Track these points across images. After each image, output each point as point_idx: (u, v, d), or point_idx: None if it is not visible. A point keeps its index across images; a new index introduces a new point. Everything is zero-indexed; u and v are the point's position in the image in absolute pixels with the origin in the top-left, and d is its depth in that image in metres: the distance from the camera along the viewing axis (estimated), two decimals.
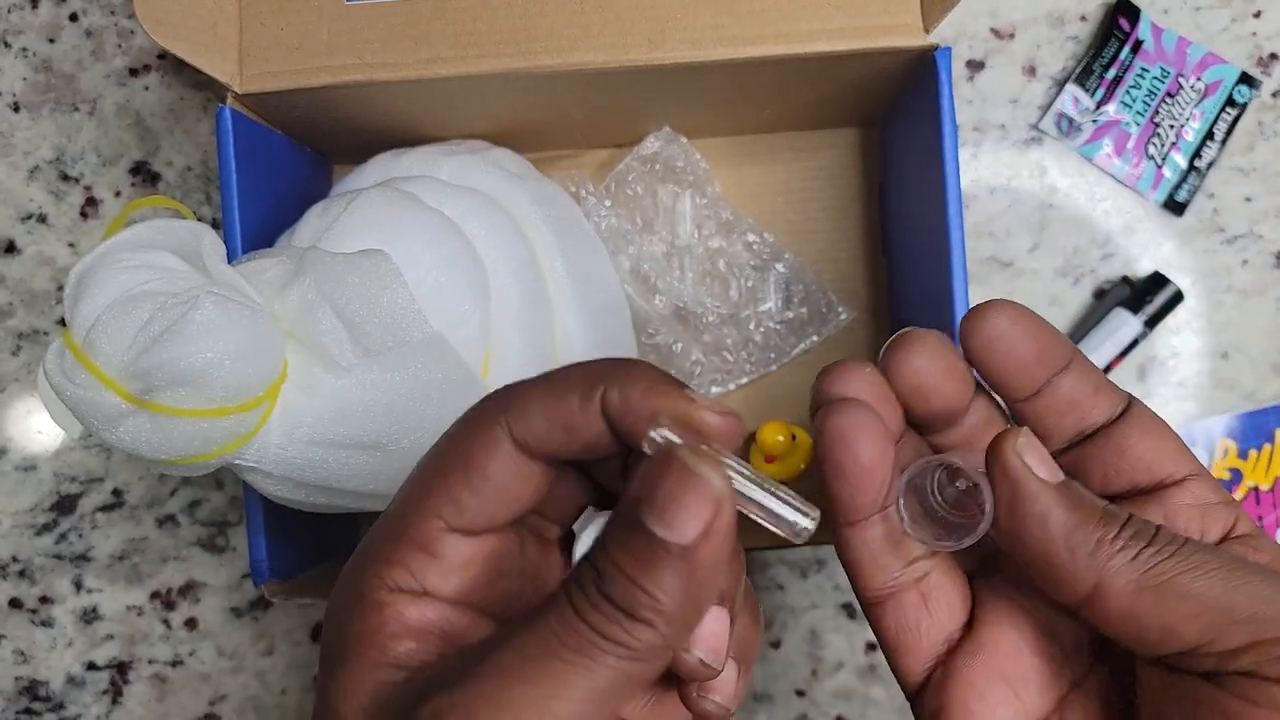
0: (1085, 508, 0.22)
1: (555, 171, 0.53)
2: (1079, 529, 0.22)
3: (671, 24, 0.42)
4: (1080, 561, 0.22)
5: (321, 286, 0.36)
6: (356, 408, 0.37)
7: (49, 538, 0.57)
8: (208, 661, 0.57)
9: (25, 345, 0.57)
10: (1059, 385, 0.25)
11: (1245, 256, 0.55)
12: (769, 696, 0.56)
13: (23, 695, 0.57)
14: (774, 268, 0.54)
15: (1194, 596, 0.21)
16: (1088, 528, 0.22)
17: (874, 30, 0.42)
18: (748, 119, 0.53)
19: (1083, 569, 0.22)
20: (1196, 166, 0.55)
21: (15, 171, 0.57)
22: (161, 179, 0.57)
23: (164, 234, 0.36)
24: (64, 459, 0.57)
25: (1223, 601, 0.21)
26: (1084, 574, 0.22)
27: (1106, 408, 0.25)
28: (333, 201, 0.43)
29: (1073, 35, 0.56)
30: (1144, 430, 0.25)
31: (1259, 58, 0.55)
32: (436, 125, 0.49)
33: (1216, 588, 0.21)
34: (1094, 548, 0.22)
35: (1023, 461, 0.23)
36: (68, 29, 0.57)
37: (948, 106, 0.42)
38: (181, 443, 0.34)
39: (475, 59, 0.43)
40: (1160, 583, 0.21)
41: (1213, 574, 0.21)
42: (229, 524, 0.57)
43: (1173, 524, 0.24)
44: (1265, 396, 0.55)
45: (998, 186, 0.56)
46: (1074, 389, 0.25)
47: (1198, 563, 0.21)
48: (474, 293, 0.41)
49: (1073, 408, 0.25)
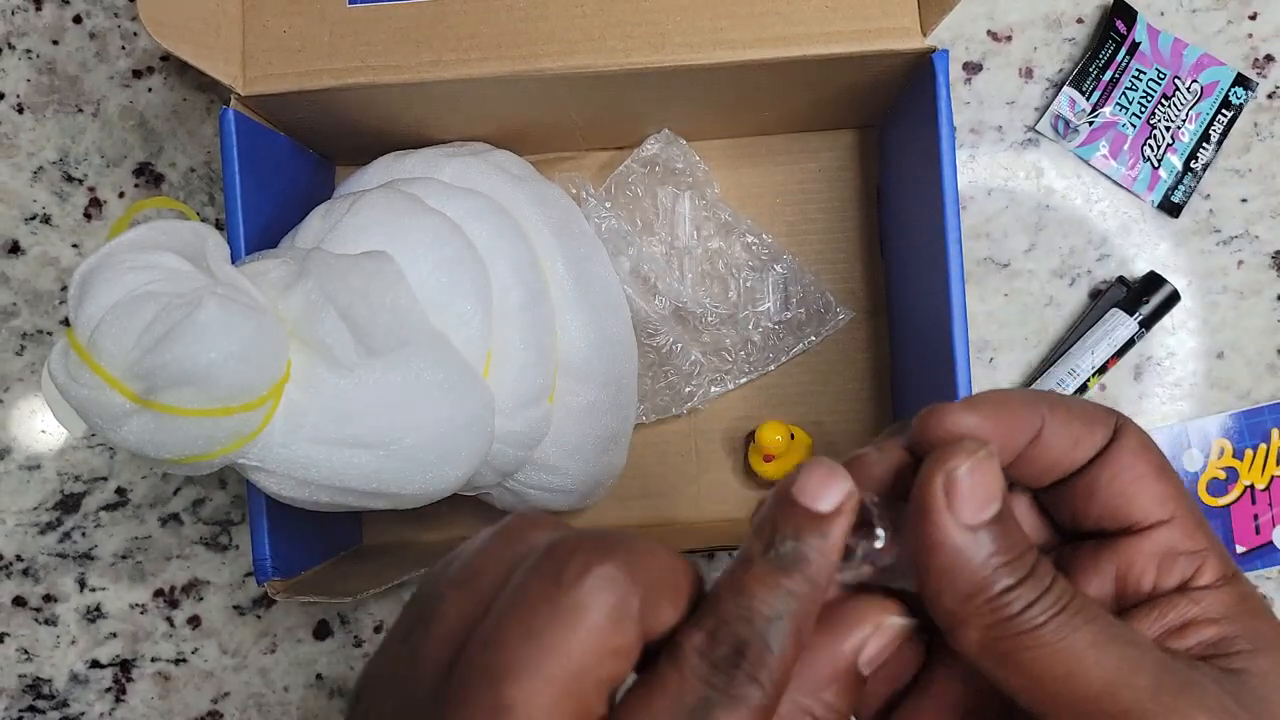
0: (981, 562, 0.22)
1: (556, 173, 0.53)
2: (970, 578, 0.22)
3: (671, 27, 0.43)
4: (952, 609, 0.22)
5: (324, 287, 0.36)
6: (359, 407, 0.37)
7: (53, 536, 0.57)
8: (211, 659, 0.57)
9: (29, 345, 0.58)
10: (1035, 449, 0.24)
11: (1241, 257, 0.56)
12: None
13: (27, 693, 0.58)
14: (773, 268, 0.54)
15: (1031, 671, 0.21)
16: (976, 579, 0.22)
17: (872, 33, 0.43)
18: (747, 121, 0.53)
19: (955, 617, 0.22)
20: (1192, 168, 0.55)
21: (19, 173, 0.58)
22: (165, 180, 0.58)
23: (168, 235, 0.36)
24: (68, 458, 0.58)
25: (1058, 678, 0.21)
26: (955, 622, 0.22)
27: (1087, 449, 0.25)
28: (336, 203, 0.44)
29: (1069, 37, 0.56)
30: (1116, 473, 0.24)
31: (1255, 59, 0.56)
32: (438, 127, 0.50)
33: (1058, 665, 0.21)
34: (965, 600, 0.22)
35: (946, 502, 0.22)
36: (71, 31, 0.57)
37: (945, 108, 0.43)
38: (185, 442, 0.34)
39: (477, 62, 0.43)
40: (1004, 651, 0.22)
41: (1064, 647, 0.21)
42: (232, 522, 0.57)
43: (1124, 573, 0.24)
44: (1261, 396, 0.56)
45: (995, 188, 0.56)
46: (1051, 446, 0.24)
47: (1063, 632, 0.21)
48: (475, 293, 0.42)
49: (1052, 467, 0.25)
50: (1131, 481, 0.24)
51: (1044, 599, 0.21)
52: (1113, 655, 0.21)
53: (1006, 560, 0.22)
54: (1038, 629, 0.21)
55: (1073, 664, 0.21)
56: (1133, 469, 0.24)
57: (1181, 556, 0.24)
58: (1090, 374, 0.53)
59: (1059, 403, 0.25)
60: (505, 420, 0.43)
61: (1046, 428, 0.24)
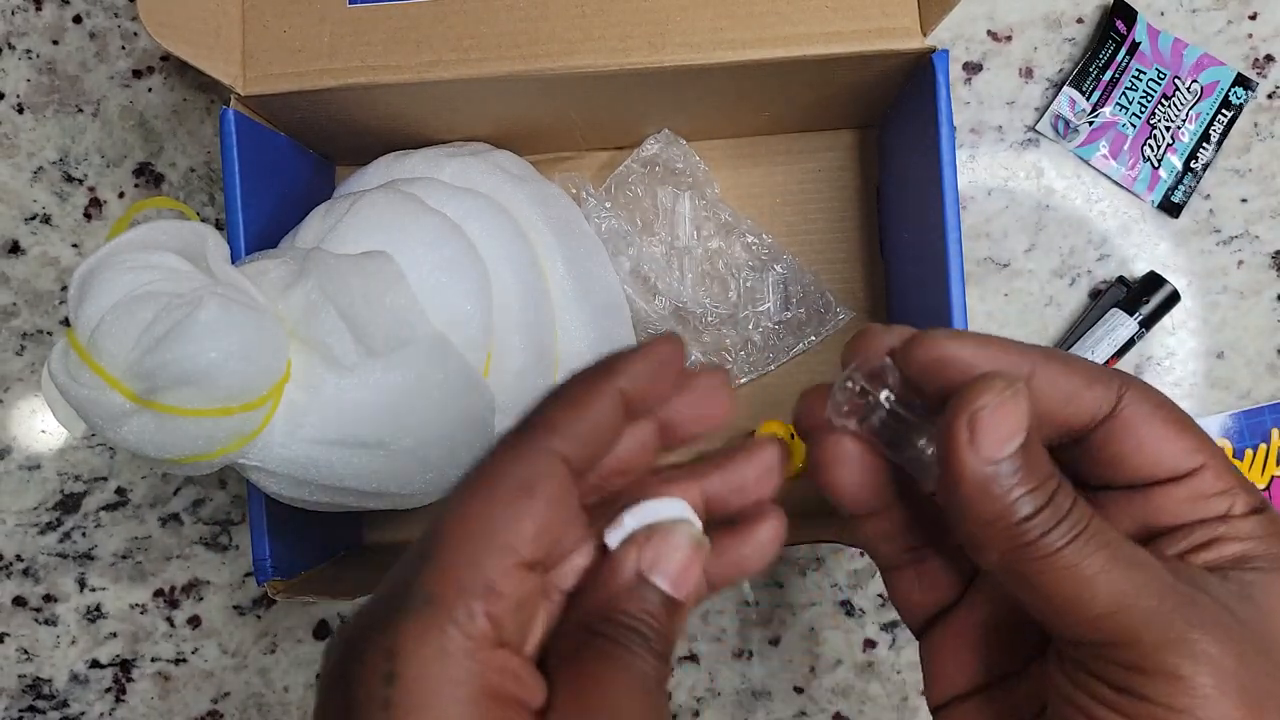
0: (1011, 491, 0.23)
1: (556, 173, 0.53)
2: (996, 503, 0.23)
3: (671, 27, 0.43)
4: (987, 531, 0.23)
5: (325, 287, 0.36)
6: (359, 407, 0.37)
7: (53, 536, 0.57)
8: (211, 659, 0.57)
9: (29, 345, 0.58)
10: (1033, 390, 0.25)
11: (1241, 257, 0.56)
12: (767, 693, 0.56)
13: (27, 693, 0.58)
14: (773, 269, 0.54)
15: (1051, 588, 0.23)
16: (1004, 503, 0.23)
17: (872, 33, 0.43)
18: (747, 121, 0.53)
19: (977, 539, 0.23)
20: (1192, 168, 0.55)
21: (19, 173, 0.58)
22: (165, 180, 0.58)
23: (168, 235, 0.36)
24: (68, 458, 0.58)
25: (1085, 594, 0.22)
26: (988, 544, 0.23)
27: (1086, 408, 0.25)
28: (336, 203, 0.44)
29: (1069, 37, 0.56)
30: (1131, 433, 0.25)
31: (1255, 60, 0.56)
32: (438, 127, 0.50)
33: (1069, 587, 0.22)
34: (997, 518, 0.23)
35: (969, 437, 0.23)
36: (72, 31, 0.57)
37: (945, 108, 0.43)
38: (185, 442, 0.34)
39: (477, 62, 0.43)
40: (1021, 572, 0.23)
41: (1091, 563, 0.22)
42: (232, 522, 0.57)
43: (1155, 516, 0.25)
44: (1261, 396, 0.56)
45: (995, 188, 0.56)
46: (1041, 396, 0.25)
47: (1075, 557, 0.23)
48: (475, 293, 0.42)
49: (1047, 419, 0.25)
50: (1151, 440, 0.25)
51: (1061, 525, 0.23)
52: (1120, 579, 0.22)
53: (1026, 490, 0.23)
54: (1053, 554, 0.22)
55: (1083, 586, 0.22)
56: (1148, 427, 0.25)
57: (1213, 497, 0.25)
58: None
59: (1054, 356, 0.25)
60: (505, 420, 0.43)
61: (1037, 377, 0.25)
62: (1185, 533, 0.25)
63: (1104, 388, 0.25)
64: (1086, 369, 0.25)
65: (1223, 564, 0.24)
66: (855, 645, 0.56)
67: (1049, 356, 0.25)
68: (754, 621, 0.56)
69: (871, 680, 0.56)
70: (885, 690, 0.56)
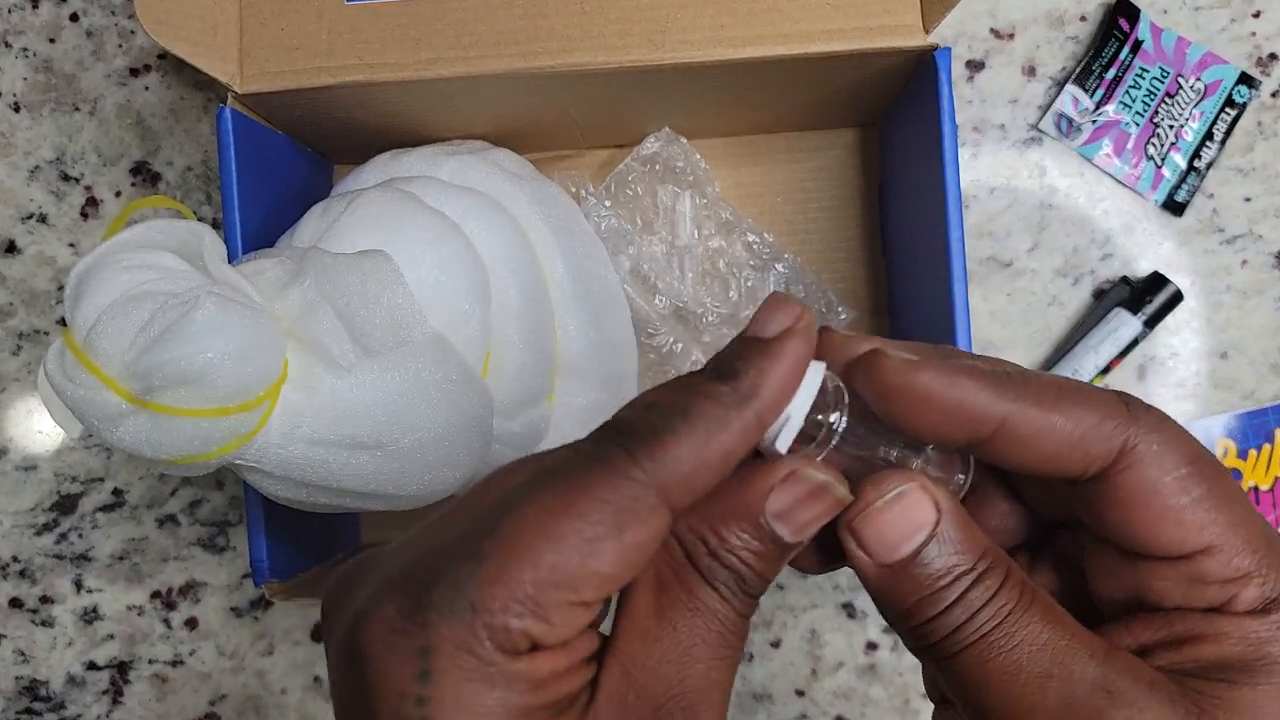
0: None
1: (555, 172, 0.53)
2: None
3: (671, 25, 0.42)
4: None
5: (322, 286, 0.36)
6: (357, 407, 0.37)
7: (49, 537, 0.57)
8: (208, 661, 0.57)
9: (26, 345, 0.57)
10: (999, 445, 0.22)
11: (1244, 256, 0.55)
12: (769, 696, 0.56)
13: (23, 695, 0.57)
14: (774, 268, 0.54)
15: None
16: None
17: (874, 31, 0.42)
18: (747, 119, 0.53)
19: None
20: (1196, 167, 0.55)
21: (16, 171, 0.57)
22: (162, 179, 0.57)
23: (164, 234, 0.36)
24: (64, 459, 0.57)
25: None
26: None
27: (1078, 460, 0.22)
28: (333, 202, 0.43)
29: (1072, 35, 0.56)
30: (1130, 497, 0.22)
31: (1258, 58, 0.56)
32: (437, 126, 0.49)
33: (972, 682, 0.21)
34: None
35: (856, 543, 0.22)
36: (68, 29, 0.57)
37: (947, 107, 0.42)
38: (182, 443, 0.34)
39: (475, 59, 0.43)
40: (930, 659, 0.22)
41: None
42: (229, 524, 0.57)
43: (1143, 589, 0.22)
44: (1265, 396, 0.55)
45: (997, 186, 0.56)
46: (1025, 449, 0.22)
47: (981, 656, 0.21)
48: (474, 293, 0.41)
49: (1030, 468, 0.22)
50: (1150, 513, 0.21)
51: (965, 628, 0.21)
52: (1016, 694, 0.21)
53: (926, 593, 0.21)
54: (954, 656, 0.21)
55: (982, 691, 0.21)
56: (1150, 496, 0.21)
57: (1213, 585, 0.21)
58: (1094, 374, 0.53)
59: (1043, 398, 0.22)
60: (504, 421, 0.43)
61: (1013, 424, 0.22)
62: (1169, 620, 0.22)
63: (1100, 444, 0.21)
64: (1081, 416, 0.21)
65: (1194, 668, 0.21)
66: (857, 648, 0.56)
67: (1038, 398, 0.22)
68: (755, 624, 0.56)
69: (873, 683, 0.56)
70: (887, 693, 0.56)
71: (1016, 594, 0.21)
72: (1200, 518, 0.21)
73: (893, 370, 0.22)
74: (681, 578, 0.21)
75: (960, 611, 0.21)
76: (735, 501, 0.22)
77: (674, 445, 0.20)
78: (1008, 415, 0.21)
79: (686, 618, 0.21)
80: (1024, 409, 0.21)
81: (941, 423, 0.22)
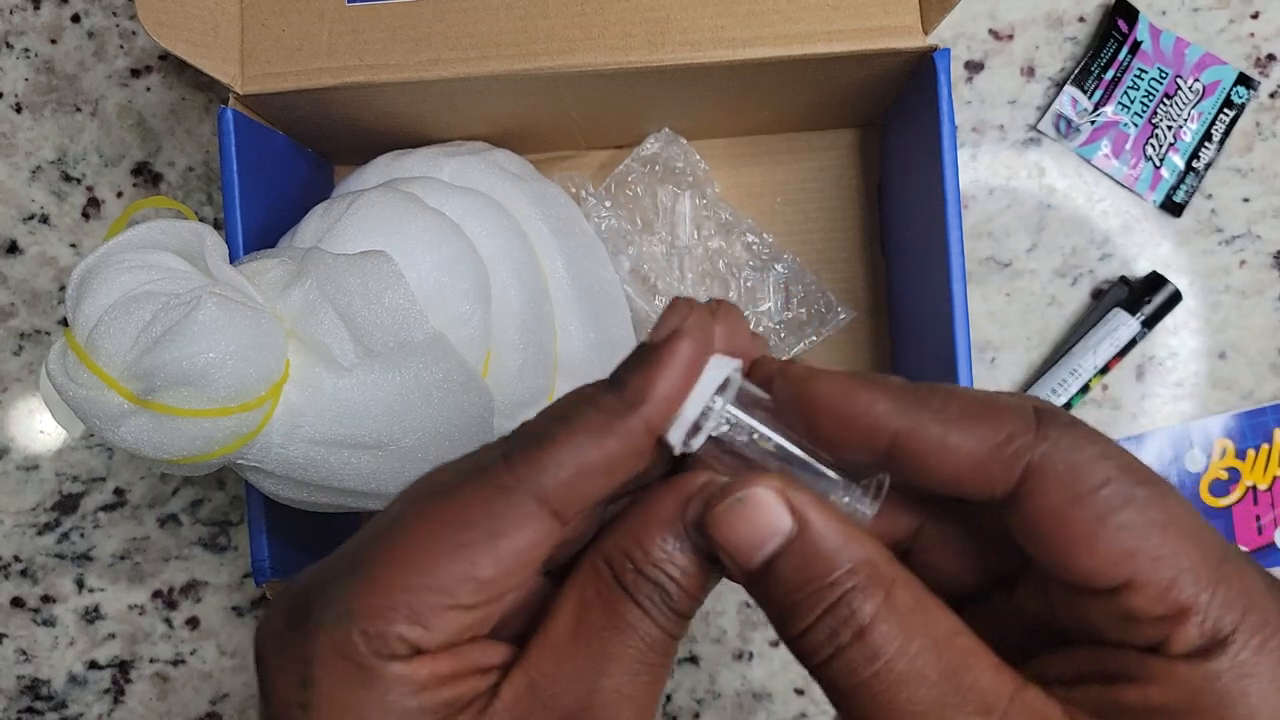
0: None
1: (555, 172, 0.53)
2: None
3: (671, 25, 0.43)
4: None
5: (323, 287, 0.36)
6: (358, 407, 0.37)
7: (51, 537, 0.57)
8: (209, 660, 0.57)
9: (27, 345, 0.58)
10: (911, 458, 0.21)
11: (1243, 257, 0.56)
12: (768, 695, 0.56)
13: (25, 694, 0.58)
14: (773, 268, 0.54)
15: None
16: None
17: (873, 32, 0.42)
18: (747, 120, 0.53)
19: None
20: (1194, 167, 0.55)
21: (17, 172, 0.57)
22: (163, 180, 0.57)
23: (166, 234, 0.36)
24: (66, 459, 0.57)
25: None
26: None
27: (979, 490, 0.20)
28: (334, 202, 0.43)
29: (1071, 36, 0.56)
30: (1037, 521, 0.20)
31: (1257, 59, 0.56)
32: (437, 126, 0.49)
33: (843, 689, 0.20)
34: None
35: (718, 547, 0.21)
36: (70, 30, 0.57)
37: (946, 107, 0.42)
38: (183, 442, 0.34)
39: (476, 60, 0.43)
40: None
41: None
42: (231, 523, 0.57)
43: (1079, 620, 0.21)
44: (1263, 396, 0.55)
45: (996, 187, 0.56)
46: (935, 461, 0.21)
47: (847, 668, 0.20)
48: (475, 293, 0.42)
49: (942, 485, 0.21)
50: (1058, 538, 0.19)
51: (836, 658, 0.20)
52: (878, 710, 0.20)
53: (783, 608, 0.21)
54: (842, 688, 0.20)
55: (851, 697, 0.20)
56: (1059, 519, 0.19)
57: (1146, 622, 0.19)
58: (1092, 374, 0.53)
59: (942, 409, 0.21)
60: (504, 421, 0.43)
61: (911, 440, 0.21)
62: (1105, 654, 0.20)
63: (999, 466, 0.20)
64: (982, 434, 0.20)
65: (1116, 711, 0.19)
66: None
67: (938, 414, 0.20)
68: (755, 623, 0.56)
69: None
70: None
71: (897, 624, 0.19)
72: (1118, 547, 0.19)
73: (795, 378, 0.22)
74: (605, 598, 0.21)
75: (820, 635, 0.20)
76: (654, 511, 0.22)
77: (552, 451, 0.20)
78: (903, 430, 0.21)
79: (603, 635, 0.21)
80: (921, 424, 0.20)
81: (837, 432, 0.21)
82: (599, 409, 0.20)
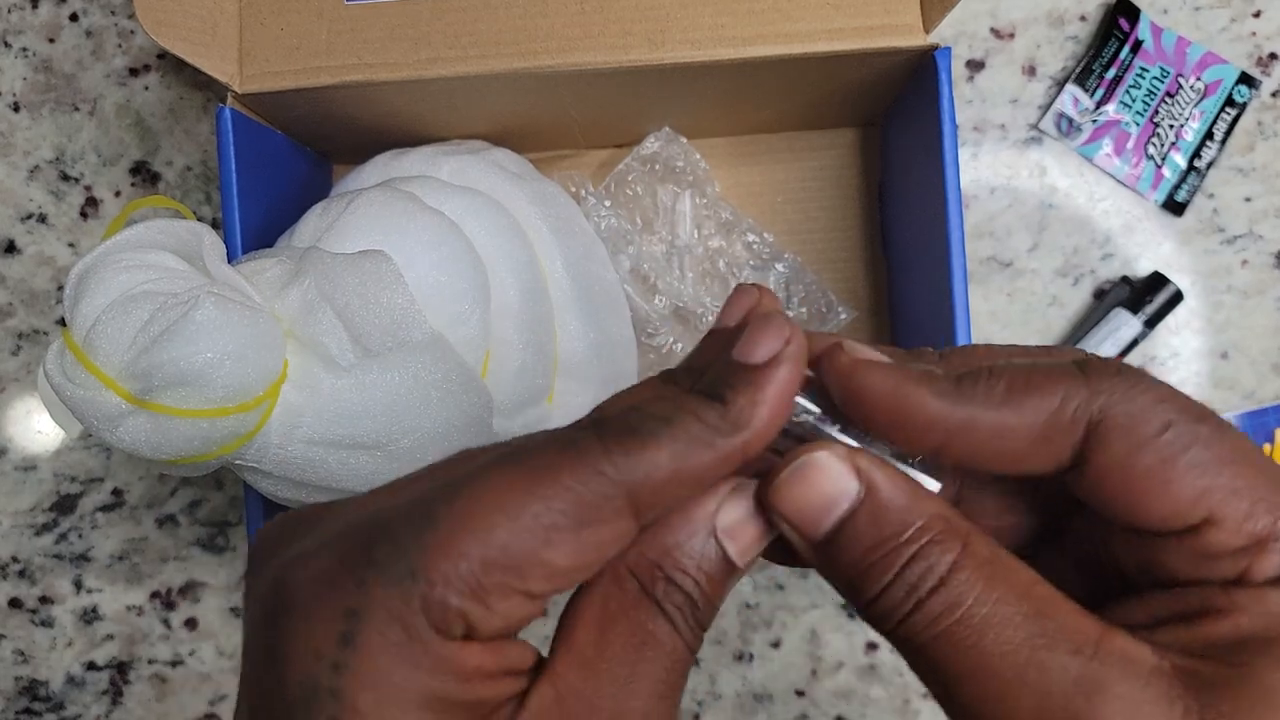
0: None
1: (555, 171, 0.53)
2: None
3: (671, 24, 0.42)
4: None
5: (322, 286, 0.36)
6: (356, 407, 0.37)
7: (49, 537, 0.57)
8: (208, 661, 0.57)
9: (25, 345, 0.57)
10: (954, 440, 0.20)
11: (1245, 256, 0.55)
12: (769, 696, 0.56)
13: (23, 695, 0.57)
14: (774, 268, 0.54)
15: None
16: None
17: (874, 30, 0.42)
18: (747, 119, 0.53)
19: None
20: (1196, 166, 0.55)
21: (15, 171, 0.57)
22: (161, 179, 0.57)
23: (164, 234, 0.36)
24: (64, 459, 0.57)
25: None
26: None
27: (1043, 464, 0.20)
28: (333, 201, 0.43)
29: (1072, 35, 0.56)
30: (1105, 479, 0.20)
31: (1259, 58, 0.55)
32: (436, 125, 0.49)
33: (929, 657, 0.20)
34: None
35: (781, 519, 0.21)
36: (68, 29, 0.57)
37: (947, 106, 0.42)
38: (181, 443, 0.34)
39: (475, 59, 0.43)
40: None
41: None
42: (229, 524, 0.57)
43: (1149, 565, 0.21)
44: (1265, 396, 0.55)
45: (997, 186, 0.56)
46: (996, 446, 0.20)
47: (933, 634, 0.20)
48: (474, 293, 0.41)
49: (984, 462, 0.21)
50: (1132, 487, 0.20)
51: (917, 612, 0.19)
52: (989, 684, 0.19)
53: (860, 571, 0.20)
54: (921, 644, 0.20)
55: (951, 680, 0.19)
56: (1129, 469, 0.19)
57: (1223, 558, 0.19)
58: None
59: (990, 392, 0.20)
60: (504, 421, 0.43)
61: (969, 432, 0.20)
62: (1184, 593, 0.20)
63: (1062, 434, 0.20)
64: (1036, 407, 0.20)
65: (1204, 647, 0.19)
66: (857, 648, 0.56)
67: (988, 398, 0.20)
68: (755, 624, 0.56)
69: (874, 683, 0.56)
70: (887, 693, 0.56)
71: (977, 572, 0.19)
72: (1192, 486, 0.19)
73: (842, 371, 0.21)
74: (631, 613, 0.20)
75: (898, 593, 0.19)
76: (686, 519, 0.21)
77: (654, 449, 0.19)
78: (956, 426, 0.20)
79: (631, 652, 0.20)
80: (973, 416, 0.20)
81: (889, 431, 0.21)
82: (702, 421, 0.20)
